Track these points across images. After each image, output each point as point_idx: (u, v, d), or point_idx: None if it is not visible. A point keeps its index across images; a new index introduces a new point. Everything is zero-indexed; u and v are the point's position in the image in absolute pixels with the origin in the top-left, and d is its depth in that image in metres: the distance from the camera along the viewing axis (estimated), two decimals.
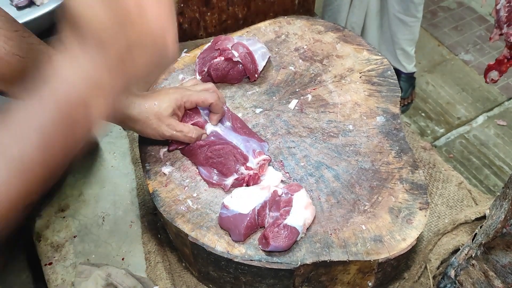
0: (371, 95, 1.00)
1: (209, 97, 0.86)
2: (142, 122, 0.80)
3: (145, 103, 0.80)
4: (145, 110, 0.80)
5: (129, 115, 0.79)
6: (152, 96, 0.82)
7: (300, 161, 0.90)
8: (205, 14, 1.32)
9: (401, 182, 0.86)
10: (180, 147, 0.90)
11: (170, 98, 0.83)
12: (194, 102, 0.85)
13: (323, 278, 0.81)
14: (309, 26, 1.14)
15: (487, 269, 0.74)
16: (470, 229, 0.94)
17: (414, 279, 0.90)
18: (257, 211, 0.79)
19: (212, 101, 0.86)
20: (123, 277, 0.88)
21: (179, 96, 0.84)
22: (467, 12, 2.50)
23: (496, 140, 1.99)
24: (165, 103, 0.82)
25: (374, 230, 0.80)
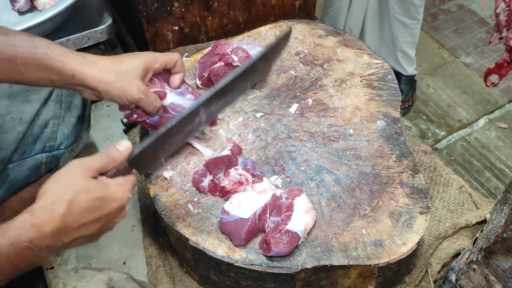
0: (371, 99, 1.00)
1: (174, 56, 0.84)
2: (106, 82, 0.74)
3: (109, 63, 0.76)
4: (110, 69, 0.75)
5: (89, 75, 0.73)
6: (118, 57, 0.78)
7: (301, 165, 0.90)
8: (206, 19, 1.33)
9: (401, 186, 0.86)
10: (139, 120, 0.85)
11: (140, 59, 0.78)
12: (163, 62, 0.82)
13: (324, 282, 0.81)
14: (310, 30, 1.15)
15: (488, 274, 0.74)
16: (471, 233, 0.94)
17: (415, 283, 0.90)
18: (258, 215, 0.79)
19: (178, 58, 0.84)
20: (124, 281, 0.88)
21: (147, 59, 0.80)
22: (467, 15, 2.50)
23: (497, 143, 1.99)
24: (135, 63, 0.77)
25: (374, 234, 0.80)
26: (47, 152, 0.96)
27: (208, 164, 0.85)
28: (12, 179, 0.93)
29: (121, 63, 0.77)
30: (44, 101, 0.94)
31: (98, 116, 1.25)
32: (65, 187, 0.60)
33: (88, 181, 0.62)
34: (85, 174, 0.62)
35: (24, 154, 0.94)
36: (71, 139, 0.99)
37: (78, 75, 0.74)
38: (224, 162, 0.85)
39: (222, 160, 0.85)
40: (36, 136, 0.94)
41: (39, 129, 0.94)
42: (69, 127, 0.98)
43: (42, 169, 0.97)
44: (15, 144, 0.91)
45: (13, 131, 0.91)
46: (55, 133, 0.96)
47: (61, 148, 0.98)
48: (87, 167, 0.62)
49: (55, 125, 0.96)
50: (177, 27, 1.31)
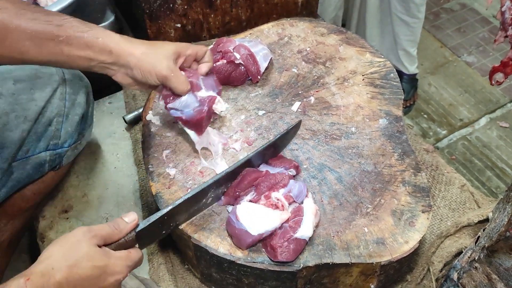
0: (374, 98, 1.00)
1: (204, 47, 0.87)
2: (138, 57, 0.77)
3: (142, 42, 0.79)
4: (143, 46, 0.78)
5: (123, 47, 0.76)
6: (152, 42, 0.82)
7: (303, 163, 0.90)
8: (208, 16, 1.33)
9: (403, 185, 0.86)
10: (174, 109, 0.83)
11: (173, 44, 0.82)
12: (194, 50, 0.85)
13: (326, 280, 0.81)
14: (312, 28, 1.15)
15: (490, 272, 0.74)
16: (473, 231, 0.94)
17: (416, 281, 0.90)
18: (264, 238, 0.77)
19: (207, 49, 0.87)
20: (126, 278, 0.88)
21: (181, 45, 0.83)
22: (470, 14, 2.49)
23: (499, 142, 1.98)
24: (167, 45, 0.81)
25: (376, 232, 0.80)
26: (50, 150, 0.96)
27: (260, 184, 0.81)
28: (15, 176, 0.93)
29: (155, 44, 0.81)
30: (49, 99, 0.94)
31: (100, 113, 1.25)
32: (68, 252, 0.60)
33: (92, 248, 0.61)
34: (90, 241, 0.61)
35: (28, 152, 0.94)
36: (74, 137, 0.99)
37: (115, 51, 0.76)
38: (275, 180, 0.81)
39: (275, 178, 0.81)
40: (40, 134, 0.94)
41: (43, 127, 0.94)
42: (73, 125, 0.98)
43: (45, 167, 0.97)
44: (20, 142, 0.91)
45: (17, 129, 0.91)
46: (59, 131, 0.96)
47: (64, 146, 0.98)
48: (93, 234, 0.62)
49: (59, 123, 0.96)
50: (180, 24, 1.31)
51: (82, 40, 0.73)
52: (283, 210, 0.78)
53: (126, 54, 0.76)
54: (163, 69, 0.79)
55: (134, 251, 0.67)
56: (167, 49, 0.80)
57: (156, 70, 0.78)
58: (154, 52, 0.78)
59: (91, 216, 1.06)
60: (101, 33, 0.75)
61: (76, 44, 0.73)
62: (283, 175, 0.82)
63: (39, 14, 0.71)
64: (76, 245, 0.60)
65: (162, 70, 0.79)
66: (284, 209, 0.79)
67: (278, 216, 0.77)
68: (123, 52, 0.76)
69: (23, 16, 0.70)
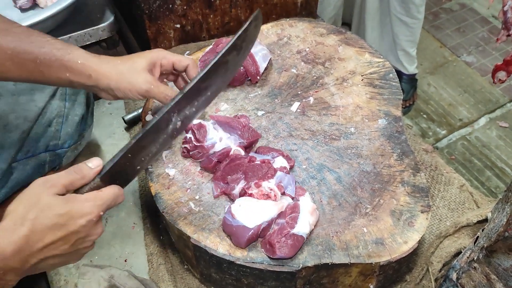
0: (373, 98, 1.00)
1: (184, 59, 0.84)
2: (116, 78, 0.77)
3: (119, 61, 0.79)
4: (119, 66, 0.78)
5: (101, 71, 0.76)
6: (128, 56, 0.82)
7: (302, 163, 0.90)
8: (208, 16, 1.33)
9: (402, 185, 0.87)
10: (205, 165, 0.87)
11: (145, 55, 0.82)
12: (171, 60, 0.83)
13: (325, 280, 0.81)
14: (311, 28, 1.15)
15: (489, 272, 0.74)
16: (472, 232, 0.94)
17: (415, 281, 0.90)
18: (262, 228, 0.77)
19: (189, 62, 0.84)
20: (125, 278, 0.88)
21: (154, 54, 0.82)
22: (469, 14, 2.50)
23: (498, 142, 1.99)
24: (140, 59, 0.81)
25: (375, 232, 0.81)
26: (50, 151, 0.96)
27: (247, 170, 0.82)
28: (15, 177, 0.94)
29: (129, 59, 0.80)
30: (48, 100, 0.94)
31: (99, 113, 1.25)
32: (28, 206, 0.59)
33: (52, 197, 0.60)
34: (49, 191, 0.60)
35: (28, 152, 0.94)
36: (74, 138, 0.99)
37: (94, 75, 0.76)
38: (262, 170, 0.82)
39: (261, 168, 0.82)
40: (40, 135, 0.94)
41: (43, 127, 0.94)
42: (73, 125, 0.98)
43: (45, 167, 0.97)
44: (20, 143, 0.91)
45: (17, 130, 0.91)
46: (59, 132, 0.97)
47: (64, 147, 0.98)
48: (52, 184, 0.61)
49: (59, 124, 0.96)
50: (179, 25, 1.31)
51: (62, 63, 0.74)
52: (276, 200, 0.79)
53: (104, 78, 0.77)
54: (141, 83, 0.79)
55: (106, 189, 0.65)
56: (140, 63, 0.80)
57: (136, 88, 0.79)
58: (129, 69, 0.78)
59: None
60: (81, 57, 0.75)
61: (56, 66, 0.73)
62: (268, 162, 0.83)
63: (22, 35, 0.71)
64: (35, 198, 0.59)
65: (141, 85, 0.79)
66: (277, 199, 0.79)
67: (272, 205, 0.78)
68: (102, 76, 0.76)
69: (5, 36, 0.69)
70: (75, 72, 0.75)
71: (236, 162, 0.84)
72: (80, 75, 0.75)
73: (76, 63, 0.74)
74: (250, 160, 0.84)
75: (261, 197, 0.79)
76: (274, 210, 0.78)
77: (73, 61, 0.74)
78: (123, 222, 1.04)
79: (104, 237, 1.02)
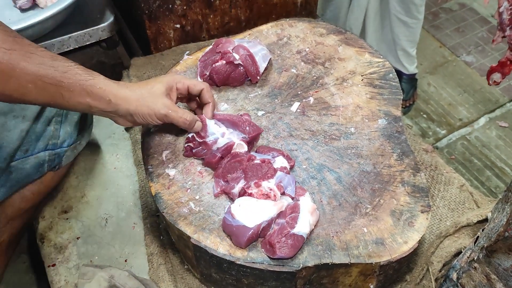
0: (373, 98, 1.00)
1: (198, 83, 0.89)
2: (136, 101, 0.81)
3: (137, 85, 0.83)
4: (137, 89, 0.82)
5: (120, 96, 0.79)
6: (146, 81, 0.86)
7: (302, 163, 0.90)
8: (208, 17, 1.33)
9: (402, 185, 0.87)
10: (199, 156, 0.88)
11: (162, 80, 0.85)
12: (186, 84, 0.87)
13: (325, 280, 0.81)
14: (311, 28, 1.15)
15: (489, 272, 0.74)
16: (472, 231, 0.94)
17: (416, 281, 0.90)
18: (262, 228, 0.77)
19: (203, 87, 0.89)
20: (126, 278, 0.88)
21: (170, 78, 0.86)
22: (469, 14, 2.50)
23: (498, 142, 1.99)
24: (158, 84, 0.84)
25: (376, 232, 0.81)
26: (49, 150, 0.97)
27: (247, 169, 0.83)
28: (14, 176, 0.94)
29: (147, 84, 0.83)
30: None
31: None
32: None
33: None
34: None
35: (27, 152, 0.94)
36: (73, 137, 0.99)
37: (114, 100, 0.78)
38: (262, 170, 0.82)
39: (261, 168, 0.82)
40: (39, 134, 0.94)
41: (42, 127, 0.94)
42: (72, 125, 0.98)
43: (44, 167, 0.97)
44: (18, 141, 0.91)
45: (16, 129, 0.91)
46: (58, 131, 0.97)
47: (63, 146, 0.98)
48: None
49: (58, 123, 0.96)
50: (179, 25, 1.31)
51: (83, 88, 0.76)
52: (275, 200, 0.79)
53: (124, 103, 0.80)
54: (160, 108, 0.82)
55: None
56: (158, 87, 0.83)
57: (155, 112, 0.82)
58: (148, 94, 0.82)
59: (90, 216, 1.06)
60: (101, 82, 0.78)
61: (77, 91, 0.75)
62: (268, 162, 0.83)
63: (46, 59, 0.73)
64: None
65: (160, 110, 0.82)
66: (276, 199, 0.79)
67: (272, 205, 0.78)
68: (121, 100, 0.79)
69: (30, 60, 0.71)
70: (95, 97, 0.77)
71: (236, 158, 0.84)
72: (100, 100, 0.77)
73: (97, 88, 0.77)
74: (249, 159, 0.84)
75: (261, 197, 0.79)
76: (274, 209, 0.78)
77: (93, 86, 0.76)
78: (123, 222, 1.04)
79: (104, 237, 1.02)
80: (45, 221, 1.05)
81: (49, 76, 0.72)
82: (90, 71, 0.78)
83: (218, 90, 1.02)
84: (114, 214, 1.06)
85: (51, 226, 1.04)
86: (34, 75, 0.71)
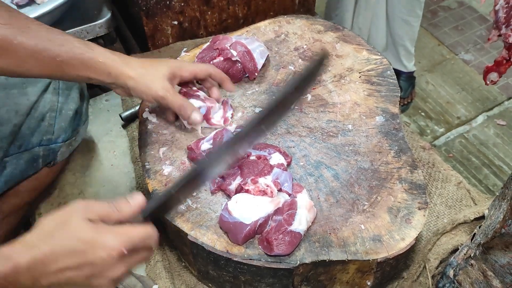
0: (370, 95, 1.00)
1: (204, 66, 0.87)
2: (135, 79, 0.79)
3: (140, 62, 0.81)
4: (139, 67, 0.80)
5: (121, 70, 0.78)
6: (149, 59, 0.84)
7: (300, 160, 0.90)
8: (205, 13, 1.32)
9: (400, 182, 0.86)
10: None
11: (167, 63, 0.83)
12: (192, 72, 0.85)
13: (322, 277, 0.81)
14: (309, 25, 1.14)
15: (486, 269, 0.74)
16: (469, 229, 0.94)
17: (413, 278, 0.90)
18: (259, 224, 0.77)
19: (211, 71, 0.87)
20: None
21: (175, 65, 0.84)
22: (467, 12, 2.50)
23: (496, 140, 1.99)
24: (162, 66, 0.82)
25: (373, 229, 0.81)
26: (44, 145, 0.96)
27: (243, 166, 0.82)
28: (9, 172, 0.93)
29: (151, 64, 0.82)
30: (41, 94, 0.94)
31: (96, 110, 1.25)
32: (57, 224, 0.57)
33: (82, 221, 0.57)
34: (82, 215, 0.57)
35: (21, 147, 0.93)
36: (68, 133, 0.99)
37: (114, 73, 0.78)
38: (259, 167, 0.82)
39: (257, 165, 0.82)
40: (33, 129, 0.94)
41: (36, 121, 0.94)
42: (66, 120, 0.98)
43: (39, 162, 0.97)
44: (11, 136, 0.91)
45: (8, 124, 0.90)
46: (52, 126, 0.96)
47: (58, 142, 0.98)
48: (87, 209, 0.58)
49: (52, 118, 0.96)
50: (177, 21, 1.31)
51: (82, 61, 0.75)
52: (272, 197, 0.79)
53: (123, 77, 0.79)
54: (158, 89, 0.81)
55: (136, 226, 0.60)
56: (161, 70, 0.82)
57: (152, 92, 0.81)
58: (149, 73, 0.80)
59: None
60: (101, 55, 0.77)
61: (76, 64, 0.75)
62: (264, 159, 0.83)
63: (43, 33, 0.72)
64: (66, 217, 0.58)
65: (158, 91, 0.81)
66: (273, 195, 0.79)
67: (268, 201, 0.77)
68: (121, 74, 0.79)
69: (27, 34, 0.70)
70: (95, 70, 0.76)
71: None
72: (100, 73, 0.77)
73: (96, 62, 0.76)
74: (246, 155, 0.83)
75: (258, 193, 0.79)
76: (271, 206, 0.78)
77: (93, 59, 0.76)
78: None
79: None
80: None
81: (47, 50, 0.72)
82: (87, 43, 0.77)
83: None
84: None
85: None
86: (32, 50, 0.71)
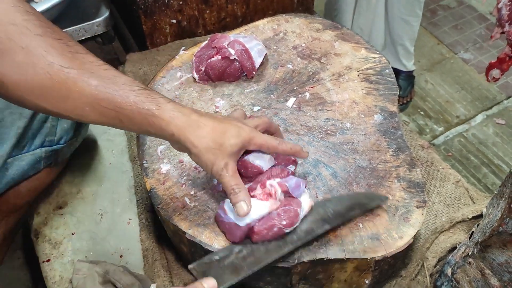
0: (369, 93, 1.00)
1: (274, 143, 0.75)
2: (201, 149, 0.70)
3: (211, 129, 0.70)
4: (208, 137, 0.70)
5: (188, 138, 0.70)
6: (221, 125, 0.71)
7: (298, 159, 0.90)
8: (204, 12, 1.32)
9: (398, 181, 0.86)
10: None
11: (240, 134, 0.72)
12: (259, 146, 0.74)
13: (320, 276, 0.81)
14: (308, 24, 1.14)
15: (484, 267, 0.74)
16: (467, 227, 0.94)
17: (411, 277, 0.90)
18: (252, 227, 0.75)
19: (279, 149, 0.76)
20: (121, 274, 0.88)
21: (250, 135, 0.73)
22: (467, 11, 2.50)
23: (495, 139, 1.99)
24: (233, 138, 0.71)
25: (371, 228, 0.80)
26: (46, 147, 0.96)
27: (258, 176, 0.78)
28: (10, 173, 0.93)
29: (220, 133, 0.71)
30: None
31: None
32: None
33: None
34: None
35: (23, 148, 0.93)
36: (70, 134, 0.99)
37: (177, 135, 0.69)
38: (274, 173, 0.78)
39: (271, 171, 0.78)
40: (36, 131, 0.94)
41: (38, 123, 0.94)
42: (69, 121, 0.97)
43: (41, 163, 0.97)
44: (15, 138, 0.91)
45: (13, 126, 0.90)
46: (55, 128, 0.96)
47: (60, 143, 0.98)
48: None
49: (55, 120, 0.96)
50: (175, 20, 1.31)
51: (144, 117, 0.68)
52: (275, 199, 0.76)
53: (188, 143, 0.70)
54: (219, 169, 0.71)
55: None
56: (231, 145, 0.71)
57: (212, 168, 0.71)
58: (216, 147, 0.70)
59: (85, 212, 1.05)
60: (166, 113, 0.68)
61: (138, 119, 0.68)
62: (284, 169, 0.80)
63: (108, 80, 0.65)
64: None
65: (218, 170, 0.71)
66: (276, 197, 0.76)
67: (264, 205, 0.76)
68: (186, 140, 0.69)
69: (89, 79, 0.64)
70: (157, 129, 0.69)
71: None
72: (162, 132, 0.69)
73: (160, 120, 0.68)
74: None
75: (265, 197, 0.76)
76: (265, 209, 0.75)
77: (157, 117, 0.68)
78: (118, 217, 1.04)
79: (99, 233, 1.02)
80: (40, 217, 1.04)
81: (109, 101, 0.65)
82: (155, 97, 0.68)
83: (213, 85, 1.02)
84: (109, 210, 1.05)
85: (46, 222, 1.04)
86: (92, 98, 0.64)
